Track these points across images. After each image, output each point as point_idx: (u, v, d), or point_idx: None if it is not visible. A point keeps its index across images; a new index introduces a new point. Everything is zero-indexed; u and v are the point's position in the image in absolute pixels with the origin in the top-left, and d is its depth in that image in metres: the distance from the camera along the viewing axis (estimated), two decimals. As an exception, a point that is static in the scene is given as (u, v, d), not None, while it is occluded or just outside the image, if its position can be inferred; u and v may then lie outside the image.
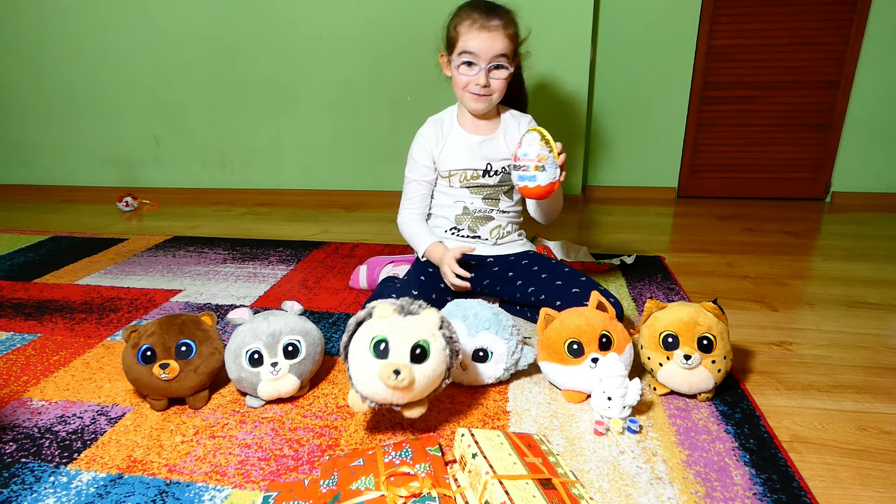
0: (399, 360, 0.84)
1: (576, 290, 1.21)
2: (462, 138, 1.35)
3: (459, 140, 1.35)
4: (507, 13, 1.25)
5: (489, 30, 1.21)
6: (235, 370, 1.01)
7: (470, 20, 1.22)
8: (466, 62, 1.24)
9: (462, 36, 1.23)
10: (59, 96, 2.67)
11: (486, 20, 1.21)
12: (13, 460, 0.91)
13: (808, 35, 2.25)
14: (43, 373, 1.17)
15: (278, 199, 2.66)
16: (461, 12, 1.26)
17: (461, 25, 1.24)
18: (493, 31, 1.21)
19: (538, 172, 1.11)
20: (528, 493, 0.71)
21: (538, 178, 1.12)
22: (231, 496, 0.82)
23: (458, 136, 1.35)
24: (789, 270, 1.69)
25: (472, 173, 1.35)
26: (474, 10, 1.23)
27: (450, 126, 1.36)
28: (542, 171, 1.12)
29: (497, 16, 1.22)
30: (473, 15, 1.23)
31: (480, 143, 1.34)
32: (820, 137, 2.38)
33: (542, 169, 1.12)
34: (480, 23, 1.21)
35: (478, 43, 1.21)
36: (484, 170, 1.34)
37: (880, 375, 1.12)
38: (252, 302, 1.51)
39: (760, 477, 0.84)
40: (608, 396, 0.93)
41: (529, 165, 1.12)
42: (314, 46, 2.41)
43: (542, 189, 1.13)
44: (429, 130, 1.37)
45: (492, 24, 1.21)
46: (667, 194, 2.57)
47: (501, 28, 1.22)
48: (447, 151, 1.35)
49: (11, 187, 2.89)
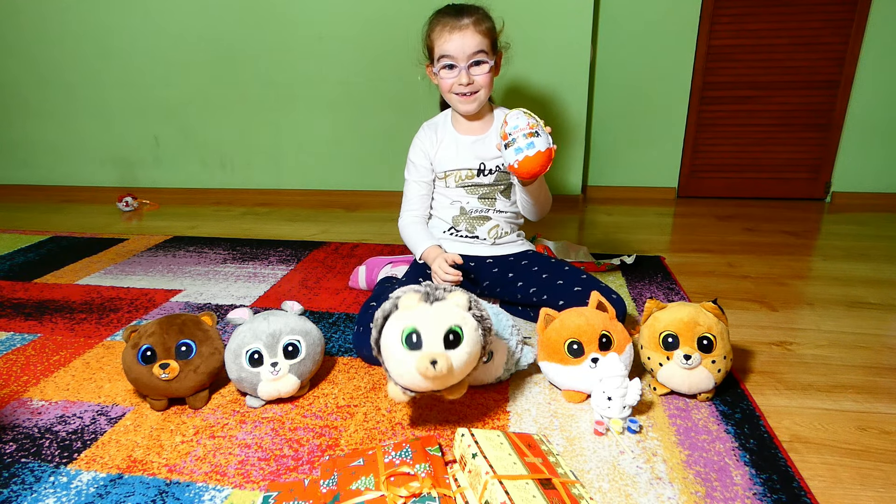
0: (434, 350, 0.83)
1: (578, 289, 1.21)
2: (455, 140, 1.37)
3: (452, 141, 1.37)
4: (476, 10, 1.26)
5: (461, 29, 1.23)
6: (235, 370, 1.01)
7: (440, 25, 1.25)
8: (446, 66, 1.26)
9: (437, 41, 1.26)
10: (60, 96, 2.67)
11: (457, 20, 1.24)
12: (13, 460, 0.91)
13: (808, 35, 2.25)
14: (43, 373, 1.17)
15: (278, 199, 2.66)
16: (432, 20, 1.29)
17: (434, 32, 1.27)
18: (465, 30, 1.23)
19: (533, 139, 1.06)
20: (528, 493, 0.71)
21: (536, 143, 1.05)
22: (231, 496, 0.82)
23: (452, 137, 1.37)
24: (789, 270, 1.69)
25: (467, 173, 1.36)
26: (444, 14, 1.27)
27: (444, 129, 1.39)
28: (536, 137, 1.07)
29: (466, 14, 1.24)
30: (443, 19, 1.25)
31: (472, 143, 1.35)
32: (820, 137, 2.38)
33: (536, 135, 1.07)
34: (451, 24, 1.24)
35: (452, 45, 1.24)
36: (478, 169, 1.36)
37: (880, 375, 1.12)
38: (252, 302, 1.51)
39: (760, 477, 0.84)
40: (608, 396, 0.93)
41: (522, 135, 1.06)
42: (314, 46, 2.41)
43: (542, 155, 1.06)
44: (424, 134, 1.40)
45: (462, 23, 1.23)
46: (667, 194, 2.56)
47: (472, 25, 1.24)
48: (442, 153, 1.37)
49: (11, 187, 2.89)
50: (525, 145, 1.07)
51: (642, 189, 2.57)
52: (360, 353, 1.19)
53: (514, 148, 1.08)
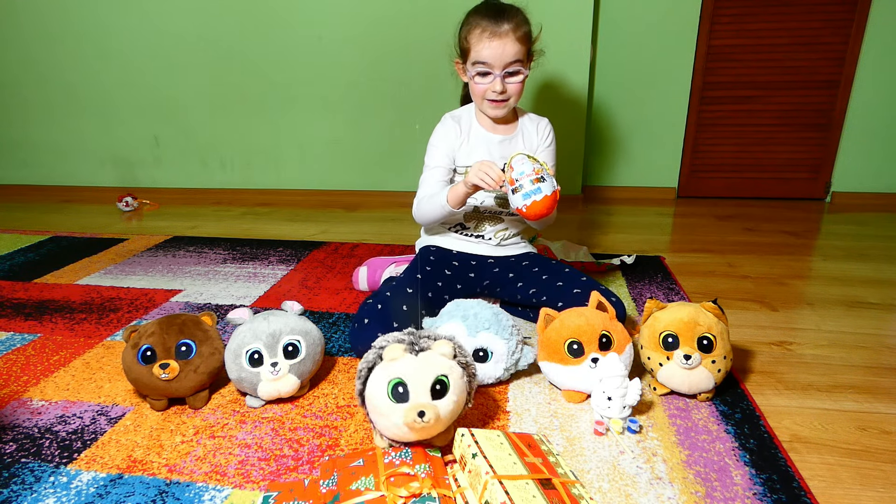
0: (421, 401, 0.81)
1: (577, 291, 1.21)
2: (482, 136, 1.34)
3: (479, 137, 1.33)
4: (516, 14, 1.22)
5: (500, 36, 1.19)
6: (235, 370, 1.01)
7: (479, 28, 1.20)
8: (481, 72, 1.23)
9: (473, 46, 1.21)
10: (60, 96, 2.67)
11: (496, 26, 1.19)
12: (13, 460, 0.91)
13: (808, 35, 2.25)
14: (43, 373, 1.17)
15: (278, 199, 2.66)
16: (470, 19, 1.23)
17: (471, 35, 1.21)
18: (504, 38, 1.19)
19: (540, 184, 1.11)
20: (529, 493, 0.71)
21: (542, 188, 1.10)
22: (231, 496, 0.82)
23: (478, 133, 1.34)
24: (789, 270, 1.69)
25: None
26: (483, 17, 1.20)
27: (468, 124, 1.35)
28: (543, 182, 1.11)
29: (506, 19, 1.19)
30: (483, 23, 1.20)
31: (500, 142, 1.33)
32: (820, 137, 2.38)
33: (542, 180, 1.11)
34: (490, 30, 1.19)
35: (489, 52, 1.20)
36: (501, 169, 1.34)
37: (880, 375, 1.12)
38: (252, 302, 1.51)
39: (760, 477, 0.84)
40: (608, 396, 0.93)
41: (529, 181, 1.11)
42: (314, 46, 2.41)
43: (548, 199, 1.11)
44: (450, 126, 1.35)
45: (502, 29, 1.19)
46: (667, 194, 2.56)
47: (512, 32, 1.19)
48: (467, 147, 1.33)
49: (11, 187, 2.89)
50: (532, 190, 1.11)
51: (642, 189, 2.57)
52: (355, 349, 1.18)
53: (521, 193, 1.12)
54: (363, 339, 1.14)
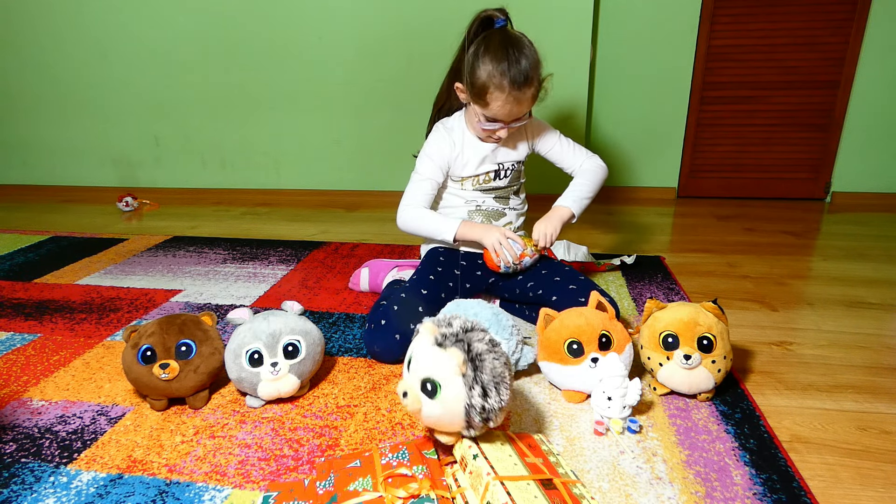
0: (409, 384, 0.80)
1: (573, 287, 1.23)
2: (475, 147, 1.34)
3: (472, 149, 1.34)
4: (535, 72, 1.18)
5: (520, 101, 1.19)
6: (235, 370, 1.01)
7: (501, 90, 1.16)
8: (490, 119, 1.23)
9: (492, 102, 1.19)
10: (60, 96, 2.67)
11: (520, 93, 1.17)
12: (13, 460, 0.91)
13: (808, 35, 2.25)
14: (43, 373, 1.17)
15: (278, 199, 2.66)
16: (495, 71, 1.16)
17: (493, 91, 1.17)
18: (522, 100, 1.19)
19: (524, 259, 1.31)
20: (530, 493, 0.71)
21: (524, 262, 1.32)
22: (231, 496, 0.82)
23: (471, 144, 1.34)
24: (789, 270, 1.69)
25: (485, 177, 1.36)
26: (508, 80, 1.16)
27: (461, 135, 1.34)
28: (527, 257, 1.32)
29: (529, 84, 1.17)
30: (506, 85, 1.16)
31: (494, 150, 1.34)
32: (820, 137, 2.38)
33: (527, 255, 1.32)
34: (514, 96, 1.17)
35: (506, 112, 1.20)
36: (495, 171, 1.36)
37: (880, 375, 1.12)
38: (252, 302, 1.51)
39: (760, 477, 0.84)
40: (608, 396, 0.93)
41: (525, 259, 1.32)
42: (314, 46, 2.41)
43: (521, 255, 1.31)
44: (443, 136, 1.34)
45: (525, 96, 1.19)
46: (667, 194, 2.56)
47: (530, 92, 1.19)
48: (462, 159, 1.34)
49: (11, 187, 2.89)
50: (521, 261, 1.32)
51: (642, 189, 2.57)
52: (370, 349, 1.19)
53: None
54: (381, 341, 1.16)
